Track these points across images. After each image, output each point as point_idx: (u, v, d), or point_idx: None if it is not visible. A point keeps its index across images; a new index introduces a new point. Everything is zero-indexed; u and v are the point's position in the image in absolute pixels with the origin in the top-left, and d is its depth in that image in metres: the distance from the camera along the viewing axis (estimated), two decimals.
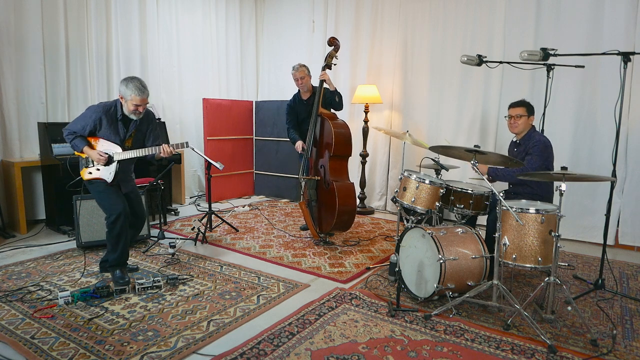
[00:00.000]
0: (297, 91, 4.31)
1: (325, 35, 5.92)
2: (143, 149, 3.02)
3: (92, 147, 2.98)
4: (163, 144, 3.00)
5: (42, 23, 4.36)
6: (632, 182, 4.06)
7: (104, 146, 2.98)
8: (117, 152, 2.98)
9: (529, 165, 3.06)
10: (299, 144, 4.12)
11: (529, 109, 3.21)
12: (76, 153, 3.04)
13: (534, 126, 3.27)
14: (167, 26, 5.56)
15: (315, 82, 4.16)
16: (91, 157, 2.97)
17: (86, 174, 3.02)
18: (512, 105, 3.27)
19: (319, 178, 3.99)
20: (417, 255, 2.90)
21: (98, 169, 3.00)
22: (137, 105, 2.90)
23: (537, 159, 3.06)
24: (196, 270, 3.35)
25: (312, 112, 3.99)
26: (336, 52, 4.03)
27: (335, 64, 4.05)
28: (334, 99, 4.01)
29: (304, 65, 4.18)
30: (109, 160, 2.97)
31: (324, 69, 3.97)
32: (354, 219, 4.03)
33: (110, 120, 2.96)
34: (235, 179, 6.20)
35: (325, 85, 3.95)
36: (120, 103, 2.97)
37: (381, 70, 5.52)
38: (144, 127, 3.14)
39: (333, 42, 4.04)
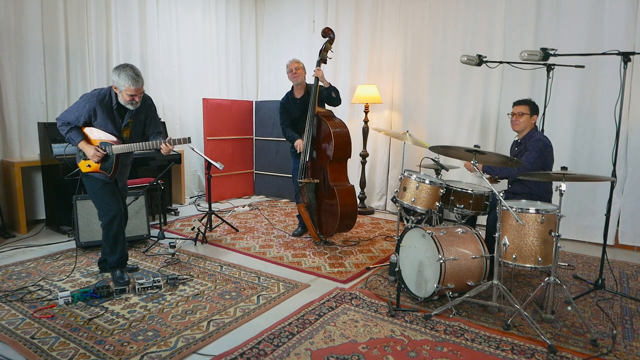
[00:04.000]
0: (290, 89, 4.11)
1: None
2: (141, 144, 2.86)
3: (88, 141, 2.86)
4: (162, 141, 2.84)
5: (42, 23, 4.36)
6: (632, 182, 4.06)
7: (101, 138, 2.85)
8: (114, 146, 2.85)
9: (525, 159, 3.06)
10: (298, 142, 3.91)
11: (533, 108, 3.21)
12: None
13: (536, 126, 3.27)
14: (167, 26, 5.55)
15: (310, 79, 3.95)
16: (86, 153, 2.85)
17: (85, 166, 2.91)
18: (516, 103, 3.28)
19: (317, 181, 3.90)
20: (417, 255, 2.90)
21: (97, 162, 2.89)
22: (132, 96, 2.76)
23: (535, 155, 3.07)
24: (196, 270, 3.35)
25: (308, 112, 3.83)
26: (331, 44, 3.82)
27: (330, 58, 3.87)
28: (330, 96, 3.86)
29: (300, 61, 4.02)
30: (105, 157, 2.86)
31: (318, 63, 3.82)
32: (356, 221, 3.98)
33: (105, 110, 2.82)
34: (235, 179, 6.20)
35: (320, 82, 3.81)
36: (115, 92, 2.82)
37: (381, 70, 5.52)
38: (142, 116, 2.99)
39: (327, 33, 3.80)
